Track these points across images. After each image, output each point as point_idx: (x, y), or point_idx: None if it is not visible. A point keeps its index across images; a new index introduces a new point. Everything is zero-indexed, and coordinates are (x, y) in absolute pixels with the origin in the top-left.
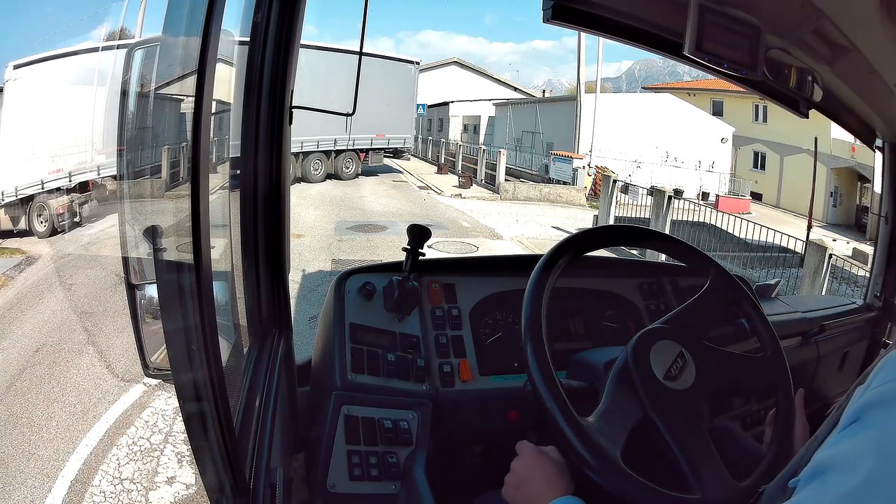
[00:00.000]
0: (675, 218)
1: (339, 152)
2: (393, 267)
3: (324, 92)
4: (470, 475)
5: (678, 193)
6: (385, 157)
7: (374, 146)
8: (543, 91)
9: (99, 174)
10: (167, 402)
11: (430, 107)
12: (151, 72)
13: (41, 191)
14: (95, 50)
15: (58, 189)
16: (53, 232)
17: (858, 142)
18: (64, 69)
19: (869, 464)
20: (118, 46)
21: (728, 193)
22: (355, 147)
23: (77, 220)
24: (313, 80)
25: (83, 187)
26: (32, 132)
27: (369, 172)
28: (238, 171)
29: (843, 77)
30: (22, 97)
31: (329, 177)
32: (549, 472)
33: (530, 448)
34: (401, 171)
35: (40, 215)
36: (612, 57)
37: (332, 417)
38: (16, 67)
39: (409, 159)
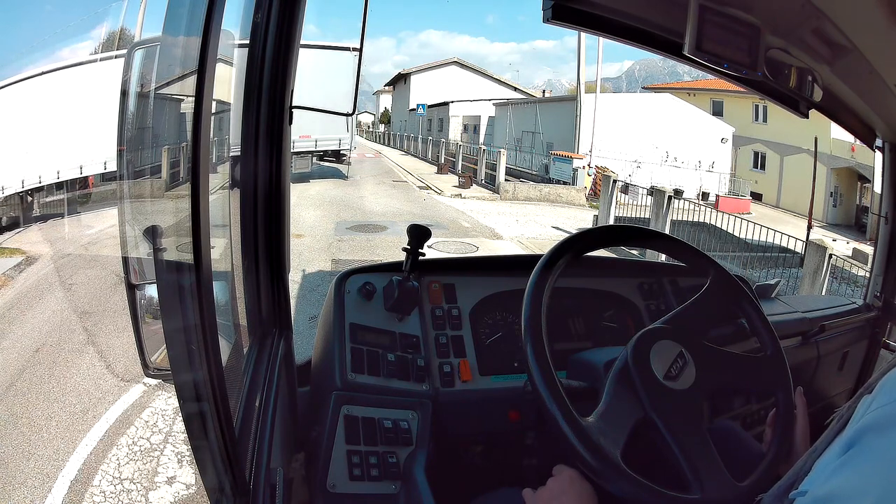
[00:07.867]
0: (674, 218)
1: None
2: (393, 267)
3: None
4: (470, 475)
5: (678, 193)
6: (325, 161)
7: (294, 149)
8: (543, 91)
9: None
10: (167, 402)
11: (430, 107)
12: (151, 72)
13: None
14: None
15: None
16: None
17: (858, 142)
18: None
19: (873, 497)
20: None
21: (728, 193)
22: None
23: None
24: None
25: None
26: None
27: (296, 179)
28: (238, 171)
29: (843, 77)
30: None
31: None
32: (582, 496)
33: (569, 470)
34: (345, 178)
35: None
36: (612, 57)
37: (332, 417)
38: None
39: (349, 164)
